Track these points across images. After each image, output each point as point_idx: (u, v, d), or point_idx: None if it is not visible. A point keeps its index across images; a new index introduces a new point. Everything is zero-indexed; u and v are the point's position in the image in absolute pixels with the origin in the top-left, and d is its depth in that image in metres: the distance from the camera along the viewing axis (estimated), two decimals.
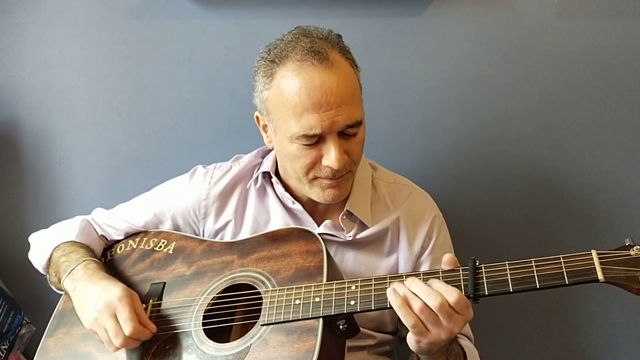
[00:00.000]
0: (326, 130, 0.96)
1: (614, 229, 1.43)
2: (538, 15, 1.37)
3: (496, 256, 1.41)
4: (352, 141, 1.00)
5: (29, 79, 1.45)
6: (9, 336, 1.44)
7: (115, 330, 0.96)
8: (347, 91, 0.96)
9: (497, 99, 1.41)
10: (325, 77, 0.94)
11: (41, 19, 1.43)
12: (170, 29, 1.42)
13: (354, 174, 1.06)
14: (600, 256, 0.81)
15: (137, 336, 0.97)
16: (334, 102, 0.94)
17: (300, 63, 0.95)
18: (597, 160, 1.42)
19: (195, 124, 1.47)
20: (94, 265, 1.07)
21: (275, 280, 0.99)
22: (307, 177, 1.02)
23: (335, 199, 1.04)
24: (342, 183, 1.03)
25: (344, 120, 0.96)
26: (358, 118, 0.98)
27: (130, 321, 0.96)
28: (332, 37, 1.00)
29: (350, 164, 1.02)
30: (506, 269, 0.86)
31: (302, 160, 1.00)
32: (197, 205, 1.14)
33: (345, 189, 1.05)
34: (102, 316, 0.97)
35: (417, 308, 0.84)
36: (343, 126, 0.96)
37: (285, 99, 0.96)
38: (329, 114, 0.95)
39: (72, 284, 1.05)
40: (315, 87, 0.94)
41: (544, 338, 1.51)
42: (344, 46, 1.01)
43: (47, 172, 1.50)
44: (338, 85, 0.95)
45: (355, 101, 0.99)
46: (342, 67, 0.97)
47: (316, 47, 0.96)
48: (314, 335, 0.90)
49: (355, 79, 1.00)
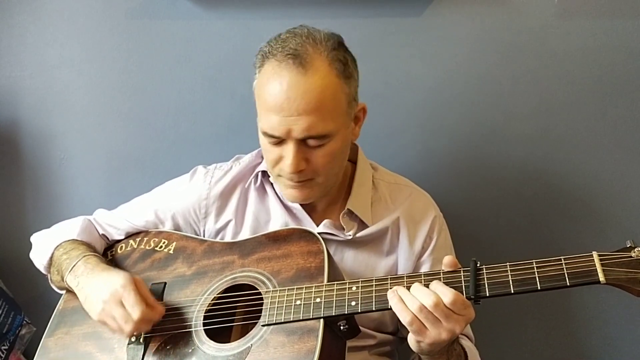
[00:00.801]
0: (283, 135, 0.96)
1: (615, 230, 1.43)
2: (538, 15, 1.36)
3: (496, 257, 1.40)
4: (316, 151, 0.98)
5: (29, 79, 1.45)
6: (9, 336, 1.44)
7: (125, 317, 0.96)
8: (314, 101, 0.93)
9: (498, 98, 1.41)
10: (294, 81, 0.94)
11: (41, 20, 1.43)
12: (170, 30, 1.42)
13: (322, 185, 1.04)
14: (601, 258, 0.81)
15: (146, 319, 0.97)
16: (295, 110, 0.93)
17: (279, 63, 0.95)
18: (598, 161, 1.41)
19: (195, 124, 1.47)
20: (94, 260, 1.07)
21: (276, 280, 0.99)
22: (273, 172, 1.04)
23: (298, 200, 1.05)
24: (304, 188, 1.02)
25: (301, 129, 0.94)
26: (322, 131, 0.96)
27: (138, 305, 0.96)
28: (329, 43, 0.97)
29: (312, 173, 1.00)
30: (507, 270, 0.86)
31: (268, 155, 1.02)
32: (197, 205, 1.14)
33: (309, 195, 1.04)
34: (108, 305, 0.97)
35: (415, 307, 0.84)
36: (300, 135, 0.95)
37: (260, 92, 0.99)
38: (288, 120, 0.94)
39: (74, 280, 1.05)
40: (281, 89, 0.94)
41: (544, 338, 1.51)
42: (340, 55, 0.98)
43: (47, 172, 1.50)
44: (304, 93, 0.93)
45: (323, 113, 0.95)
46: (320, 76, 0.94)
47: (300, 50, 0.95)
48: (315, 336, 0.90)
49: (335, 91, 0.96)
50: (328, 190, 1.08)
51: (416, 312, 0.85)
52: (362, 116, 1.07)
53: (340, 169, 1.07)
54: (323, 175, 1.02)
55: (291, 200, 1.07)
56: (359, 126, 1.08)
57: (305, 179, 1.01)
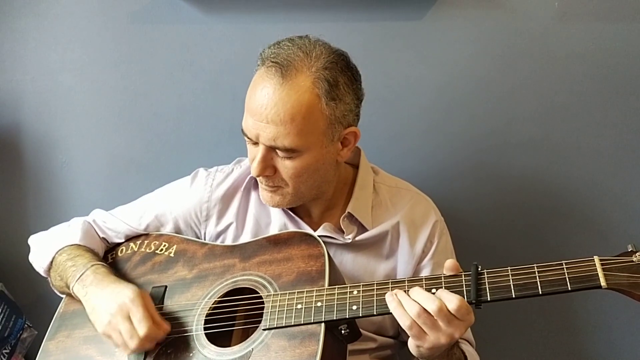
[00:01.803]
0: (252, 137, 0.98)
1: (616, 233, 1.43)
2: (539, 18, 1.37)
3: (498, 261, 1.40)
4: (284, 162, 0.99)
5: (31, 83, 1.46)
6: (10, 340, 1.44)
7: (130, 332, 0.96)
8: (283, 113, 0.93)
9: (499, 102, 1.41)
10: (270, 89, 0.95)
11: (43, 24, 1.43)
12: (172, 34, 1.43)
13: (293, 195, 1.03)
14: (602, 262, 0.81)
15: (151, 336, 0.97)
16: (264, 117, 0.95)
17: (266, 68, 0.97)
18: (599, 164, 1.41)
19: (197, 128, 1.48)
20: (103, 270, 1.07)
21: (277, 284, 0.99)
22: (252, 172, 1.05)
23: (268, 204, 1.06)
24: (274, 194, 1.04)
25: (266, 137, 0.96)
26: (287, 145, 0.96)
27: (145, 321, 0.96)
28: (322, 60, 0.96)
29: (280, 181, 1.01)
30: (508, 274, 0.86)
31: (248, 154, 1.04)
32: (199, 208, 1.14)
33: (280, 201, 1.04)
34: (115, 319, 0.97)
35: (415, 312, 0.84)
36: (266, 143, 0.97)
37: (247, 92, 1.00)
38: (258, 125, 0.96)
39: (83, 289, 1.04)
40: (258, 94, 0.96)
41: (545, 342, 1.50)
42: (331, 75, 0.95)
43: (49, 176, 1.50)
44: (276, 103, 0.94)
45: (292, 128, 0.94)
46: (298, 90, 0.94)
47: (287, 60, 0.95)
48: (316, 340, 0.90)
49: (312, 109, 0.94)
50: (306, 200, 1.07)
51: (415, 317, 0.85)
52: (352, 140, 1.04)
53: (318, 183, 1.05)
54: (292, 186, 1.02)
55: (265, 202, 1.07)
56: (348, 149, 1.05)
57: (274, 185, 1.02)
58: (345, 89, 0.98)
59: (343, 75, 0.98)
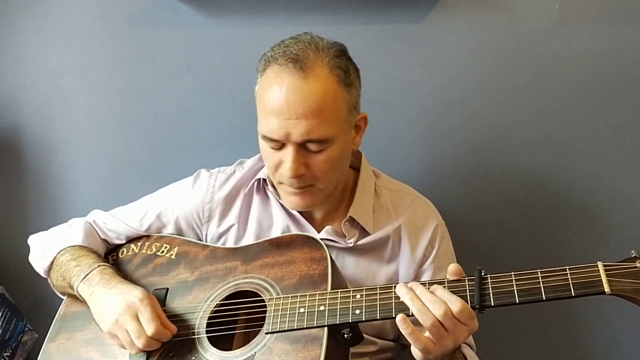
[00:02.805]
0: (282, 138, 0.96)
1: (617, 235, 1.43)
2: (539, 21, 1.37)
3: (498, 264, 1.41)
4: (315, 157, 0.98)
5: (31, 86, 1.46)
6: (11, 343, 1.44)
7: (138, 331, 0.96)
8: (313, 105, 0.94)
9: (499, 104, 1.41)
10: (294, 85, 0.94)
11: (44, 27, 1.43)
12: (172, 36, 1.43)
13: (323, 192, 1.04)
14: (606, 268, 0.81)
15: (159, 337, 0.97)
16: (294, 113, 0.94)
17: (279, 67, 0.96)
18: (600, 166, 1.42)
19: (197, 130, 1.48)
20: (110, 271, 1.07)
21: (279, 287, 0.99)
22: (275, 179, 1.04)
23: (299, 207, 1.05)
24: (305, 194, 1.02)
25: (300, 133, 0.95)
26: (321, 136, 0.96)
27: (153, 321, 0.96)
28: (331, 50, 0.98)
29: (312, 178, 1.00)
30: (512, 279, 0.86)
31: (269, 161, 1.02)
32: (201, 208, 1.14)
33: (310, 201, 1.04)
34: (123, 318, 0.97)
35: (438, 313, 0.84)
36: (299, 139, 0.96)
37: (261, 96, 0.99)
38: (287, 123, 0.95)
39: (89, 289, 1.04)
40: (281, 93, 0.95)
41: (546, 345, 1.50)
42: (342, 63, 0.99)
43: (49, 178, 1.50)
44: (304, 97, 0.94)
45: (323, 118, 0.95)
46: (320, 80, 0.95)
47: (300, 55, 0.96)
48: (319, 344, 0.90)
49: (336, 97, 0.97)
50: (329, 197, 1.08)
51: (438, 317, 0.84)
52: (363, 125, 1.07)
53: (340, 176, 1.07)
54: (323, 181, 1.02)
55: (292, 208, 1.07)
56: (360, 135, 1.08)
57: (306, 184, 1.01)
58: (354, 75, 1.02)
59: (350, 63, 1.02)
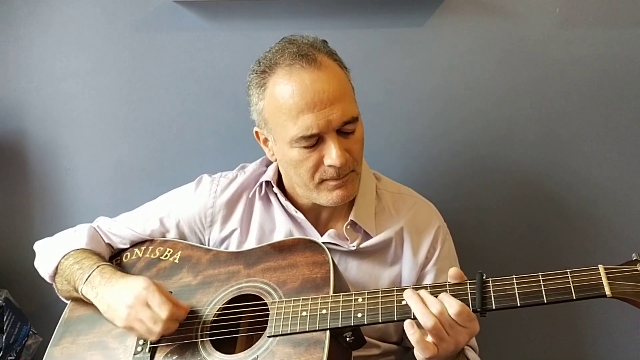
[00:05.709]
0: (323, 129, 0.97)
1: (618, 238, 1.43)
2: (540, 24, 1.37)
3: (500, 265, 1.41)
4: (350, 139, 1.01)
5: (35, 90, 1.46)
6: (15, 347, 1.44)
7: (153, 318, 0.97)
8: (338, 89, 0.98)
9: (500, 108, 1.42)
10: (315, 77, 0.96)
11: (48, 32, 1.44)
12: (175, 41, 1.44)
13: (358, 175, 1.06)
14: (607, 271, 0.82)
15: (174, 317, 0.98)
16: (327, 100, 0.96)
17: (289, 68, 0.98)
18: (600, 168, 1.42)
19: (200, 135, 1.48)
20: (110, 269, 1.07)
21: (281, 291, 1.00)
22: (313, 182, 1.03)
23: (344, 200, 1.04)
24: (347, 183, 1.03)
25: (339, 116, 0.97)
26: (353, 114, 1.00)
27: (165, 304, 0.97)
28: (317, 43, 1.03)
29: (353, 162, 1.02)
30: (513, 283, 0.86)
31: (306, 164, 1.01)
32: (203, 214, 1.15)
33: (352, 190, 1.05)
34: (134, 309, 0.98)
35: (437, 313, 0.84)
36: (339, 123, 0.98)
37: (280, 104, 0.98)
38: (324, 112, 0.96)
39: (92, 290, 1.05)
40: (307, 87, 0.96)
41: (549, 348, 1.50)
42: (331, 50, 1.04)
43: (53, 183, 1.51)
44: (329, 84, 0.97)
45: (348, 98, 1.00)
46: (330, 67, 0.99)
47: (303, 51, 0.99)
48: (321, 347, 0.90)
49: (345, 78, 1.02)
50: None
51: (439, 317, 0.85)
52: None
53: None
54: (359, 163, 1.05)
55: (339, 202, 1.04)
56: None
57: (349, 171, 1.02)
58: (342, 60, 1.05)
59: (332, 49, 1.05)
